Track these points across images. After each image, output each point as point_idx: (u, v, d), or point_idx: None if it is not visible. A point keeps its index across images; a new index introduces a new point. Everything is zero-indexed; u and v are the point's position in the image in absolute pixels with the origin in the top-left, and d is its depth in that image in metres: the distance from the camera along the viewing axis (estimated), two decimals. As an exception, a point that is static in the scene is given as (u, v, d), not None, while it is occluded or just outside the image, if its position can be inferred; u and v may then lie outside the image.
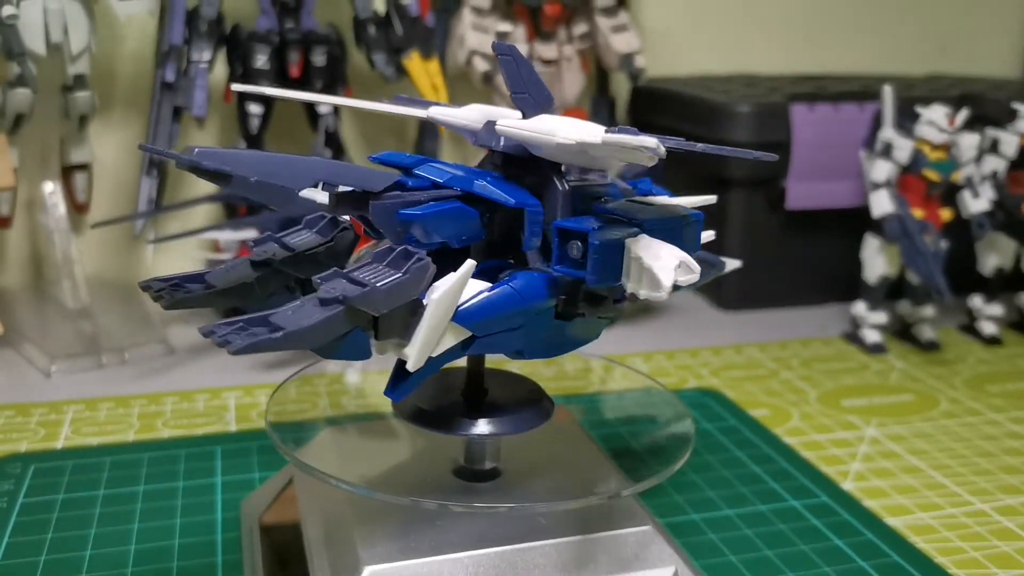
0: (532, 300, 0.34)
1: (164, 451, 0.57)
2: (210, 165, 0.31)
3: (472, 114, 0.38)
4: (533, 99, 0.36)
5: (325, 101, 0.43)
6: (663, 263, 0.33)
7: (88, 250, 0.87)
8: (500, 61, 0.36)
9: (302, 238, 0.38)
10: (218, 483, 0.54)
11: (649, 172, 0.82)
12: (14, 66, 0.69)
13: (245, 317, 0.29)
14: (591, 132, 0.34)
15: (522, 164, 0.37)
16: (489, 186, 0.35)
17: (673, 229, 0.36)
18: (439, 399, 0.39)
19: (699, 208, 0.38)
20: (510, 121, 0.36)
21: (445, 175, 0.35)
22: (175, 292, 0.36)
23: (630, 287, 0.34)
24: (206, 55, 0.76)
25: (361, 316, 0.31)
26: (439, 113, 0.39)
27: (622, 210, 0.36)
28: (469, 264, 0.33)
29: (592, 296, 0.36)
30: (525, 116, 0.36)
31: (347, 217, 0.38)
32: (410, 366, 0.32)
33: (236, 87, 0.42)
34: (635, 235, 0.34)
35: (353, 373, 0.53)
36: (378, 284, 0.31)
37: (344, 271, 0.32)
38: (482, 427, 0.38)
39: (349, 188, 0.34)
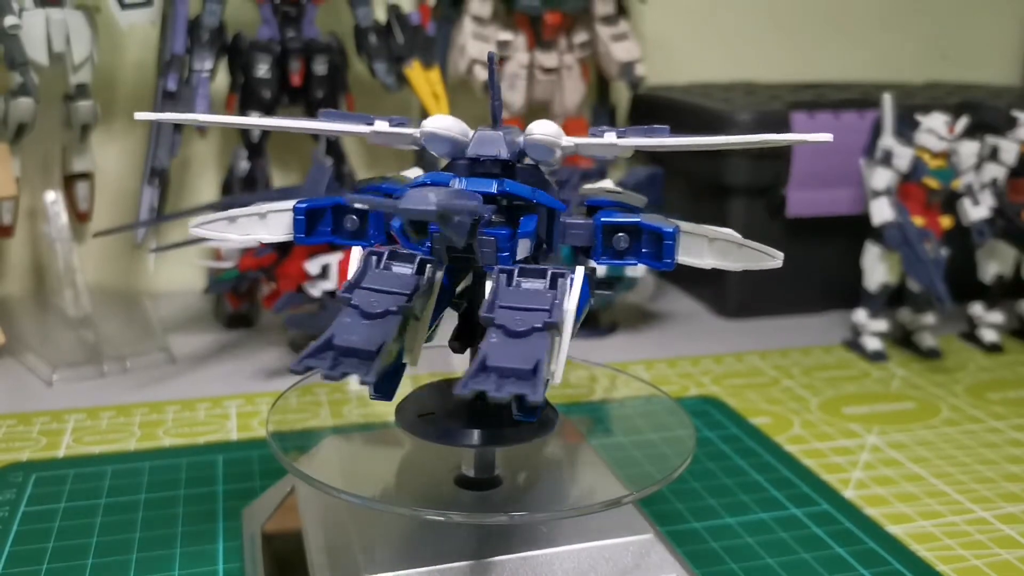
0: (589, 293, 0.36)
1: (166, 460, 0.57)
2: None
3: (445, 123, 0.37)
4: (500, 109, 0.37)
5: (250, 125, 0.42)
6: (722, 230, 0.37)
7: (90, 259, 0.87)
8: (491, 69, 0.37)
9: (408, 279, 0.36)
10: (219, 492, 0.54)
11: (651, 180, 0.83)
12: (16, 76, 0.69)
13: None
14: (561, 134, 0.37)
15: (506, 168, 0.37)
16: (520, 187, 0.36)
17: (641, 210, 0.39)
18: (441, 410, 0.39)
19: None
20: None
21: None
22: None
23: (709, 262, 0.37)
24: (208, 64, 0.77)
25: None
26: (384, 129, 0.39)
27: (610, 200, 0.39)
28: (581, 270, 0.35)
29: (598, 285, 0.39)
30: (496, 125, 0.37)
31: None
32: (557, 381, 0.33)
33: (139, 115, 0.39)
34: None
35: (356, 382, 0.53)
36: (560, 304, 0.33)
37: (506, 302, 0.32)
38: (485, 438, 0.38)
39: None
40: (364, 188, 0.39)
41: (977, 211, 0.77)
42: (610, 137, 0.38)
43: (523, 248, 0.36)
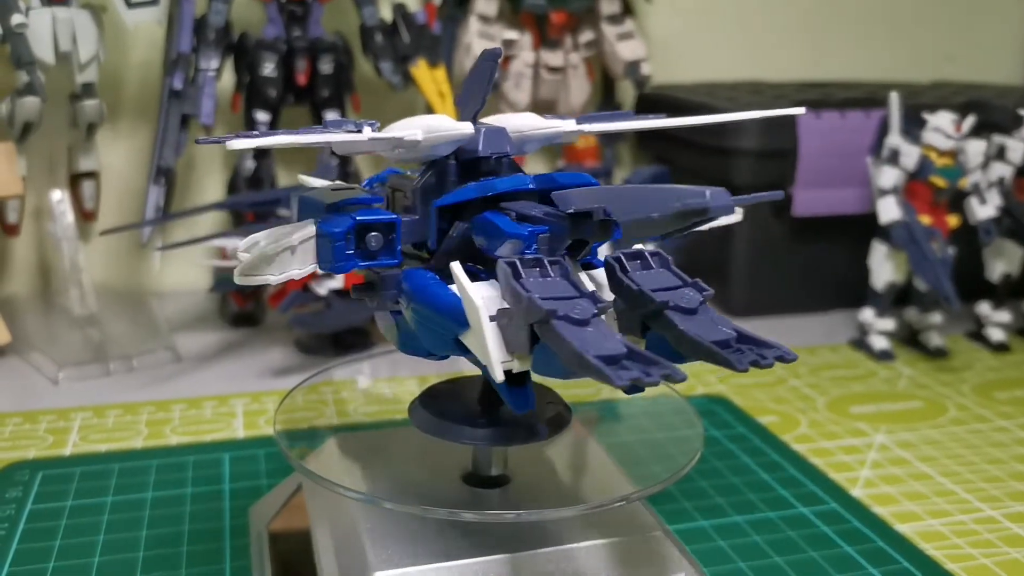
0: None
1: (172, 458, 0.57)
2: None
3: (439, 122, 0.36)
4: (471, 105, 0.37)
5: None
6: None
7: (95, 258, 0.87)
8: (483, 64, 0.36)
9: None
10: (226, 490, 0.54)
11: (656, 179, 0.83)
12: (23, 75, 0.69)
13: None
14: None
15: (486, 168, 0.37)
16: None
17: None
18: (455, 407, 0.39)
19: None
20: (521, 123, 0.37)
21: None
22: None
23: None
24: (214, 63, 0.77)
25: None
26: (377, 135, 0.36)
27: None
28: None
29: None
30: (462, 118, 0.37)
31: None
32: None
33: (234, 145, 0.34)
34: None
35: (364, 379, 0.53)
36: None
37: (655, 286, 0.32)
38: (502, 436, 0.38)
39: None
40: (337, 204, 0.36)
41: (984, 210, 0.77)
42: (568, 124, 0.38)
43: None
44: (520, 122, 0.38)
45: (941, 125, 0.74)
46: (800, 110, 0.36)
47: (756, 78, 1.05)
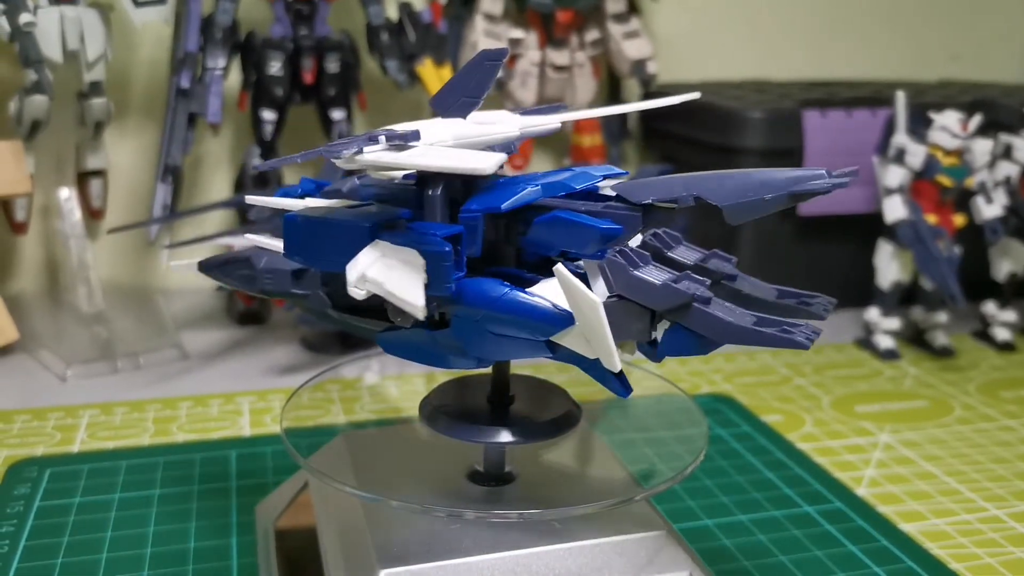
0: None
1: (179, 455, 0.58)
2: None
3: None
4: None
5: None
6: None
7: (103, 256, 0.87)
8: (482, 64, 0.35)
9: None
10: (233, 487, 0.54)
11: (662, 175, 0.83)
12: (31, 73, 0.69)
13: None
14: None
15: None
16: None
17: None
18: (467, 406, 0.39)
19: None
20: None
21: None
22: None
23: None
24: (221, 62, 0.77)
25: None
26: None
27: None
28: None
29: None
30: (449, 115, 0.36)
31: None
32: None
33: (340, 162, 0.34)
34: None
35: (370, 377, 0.53)
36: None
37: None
38: (509, 435, 0.38)
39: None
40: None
41: (990, 209, 0.77)
42: (509, 125, 0.37)
43: None
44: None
45: (948, 124, 0.74)
46: (695, 95, 0.37)
47: (762, 77, 1.05)
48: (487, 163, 0.31)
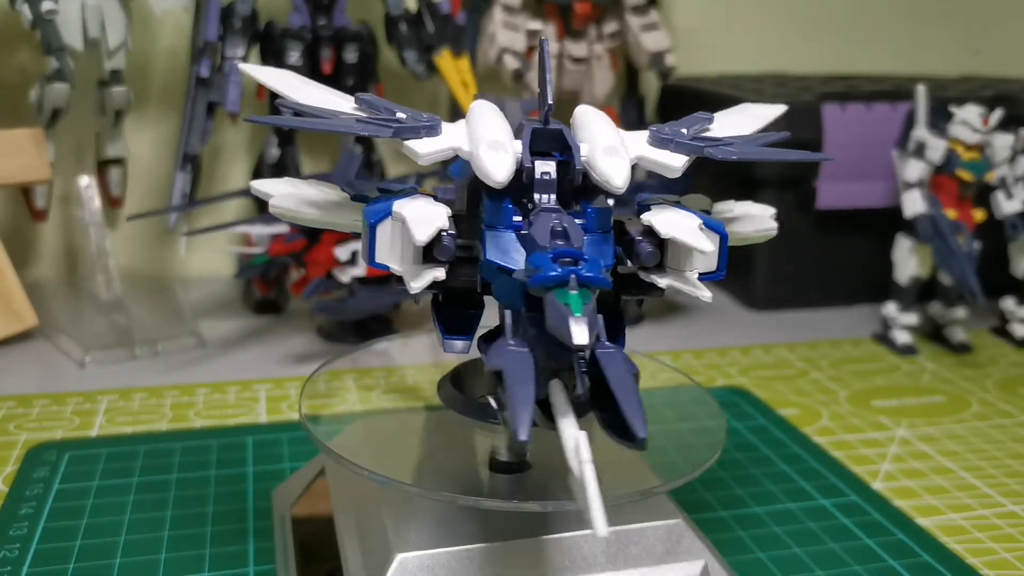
0: None
1: (196, 441, 0.58)
2: None
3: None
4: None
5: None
6: None
7: (121, 244, 0.88)
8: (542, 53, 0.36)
9: None
10: (250, 472, 0.54)
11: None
12: (52, 61, 0.70)
13: None
14: None
15: None
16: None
17: None
18: (482, 390, 0.39)
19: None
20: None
21: None
22: None
23: None
24: (240, 51, 0.77)
25: None
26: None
27: None
28: None
29: None
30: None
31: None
32: None
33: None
34: None
35: (386, 364, 0.53)
36: None
37: None
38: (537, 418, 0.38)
39: None
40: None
41: (1010, 204, 0.76)
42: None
43: None
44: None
45: (968, 119, 0.74)
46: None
47: (781, 70, 1.05)
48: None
